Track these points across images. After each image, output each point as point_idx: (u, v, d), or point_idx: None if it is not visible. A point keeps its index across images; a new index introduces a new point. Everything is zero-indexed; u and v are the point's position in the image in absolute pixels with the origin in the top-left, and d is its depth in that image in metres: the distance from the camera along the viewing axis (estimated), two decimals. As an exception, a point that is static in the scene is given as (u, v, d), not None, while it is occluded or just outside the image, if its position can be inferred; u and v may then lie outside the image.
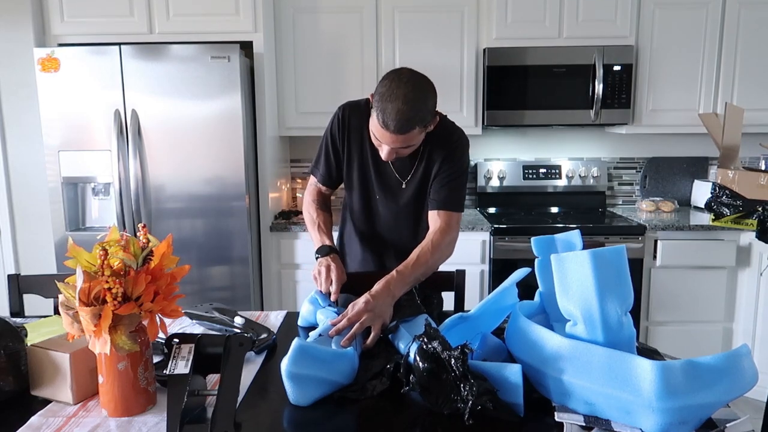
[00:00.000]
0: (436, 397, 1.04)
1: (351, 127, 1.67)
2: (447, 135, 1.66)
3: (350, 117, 1.67)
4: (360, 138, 1.67)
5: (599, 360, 0.96)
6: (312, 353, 1.11)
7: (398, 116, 1.40)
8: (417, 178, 1.69)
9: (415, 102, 1.41)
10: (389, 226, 1.76)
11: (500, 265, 2.84)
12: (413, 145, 1.52)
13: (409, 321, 1.35)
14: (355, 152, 1.69)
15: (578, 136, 3.41)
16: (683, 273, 2.86)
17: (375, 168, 1.70)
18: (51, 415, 1.07)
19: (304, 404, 1.10)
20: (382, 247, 1.79)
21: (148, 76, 2.61)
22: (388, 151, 1.50)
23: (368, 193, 1.74)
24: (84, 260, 1.04)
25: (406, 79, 1.43)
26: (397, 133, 1.42)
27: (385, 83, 1.43)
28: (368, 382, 1.16)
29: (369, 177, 1.71)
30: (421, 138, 1.53)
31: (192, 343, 1.05)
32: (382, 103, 1.41)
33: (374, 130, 1.49)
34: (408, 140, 1.46)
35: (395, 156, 1.53)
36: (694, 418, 0.93)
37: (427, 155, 1.66)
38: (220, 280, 2.76)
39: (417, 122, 1.43)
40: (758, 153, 3.13)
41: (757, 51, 2.98)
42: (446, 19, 2.98)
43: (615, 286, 1.01)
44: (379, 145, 1.52)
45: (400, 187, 1.70)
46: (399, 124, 1.41)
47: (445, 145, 1.65)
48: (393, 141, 1.46)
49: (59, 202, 2.70)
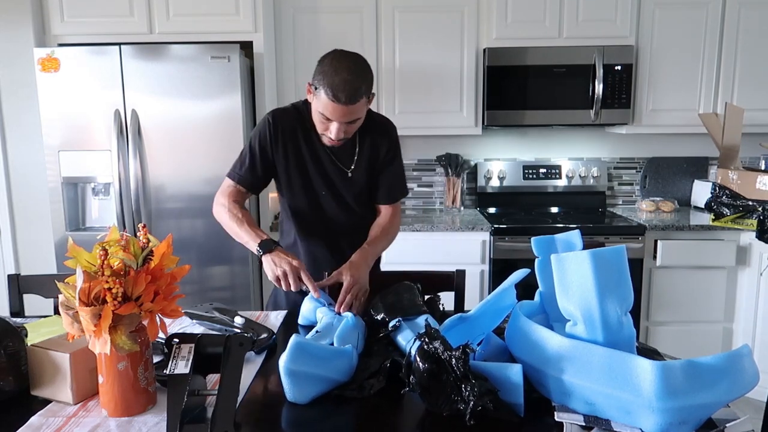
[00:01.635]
0: (436, 398, 1.04)
1: (282, 131, 1.69)
2: (380, 121, 1.76)
3: (280, 122, 1.70)
4: (294, 139, 1.69)
5: (599, 360, 0.96)
6: (310, 350, 1.11)
7: (347, 86, 1.46)
8: (362, 165, 1.72)
9: (360, 72, 1.50)
10: (340, 220, 1.77)
11: (500, 265, 2.84)
12: (359, 120, 1.58)
13: (411, 320, 1.35)
14: (291, 154, 1.70)
15: (578, 136, 3.41)
16: (683, 273, 2.86)
17: (315, 164, 1.71)
18: (51, 415, 1.07)
19: (302, 402, 1.10)
20: (335, 243, 1.78)
21: (148, 76, 2.61)
22: (337, 128, 1.54)
23: (312, 191, 1.74)
24: (84, 260, 1.04)
25: (344, 55, 1.52)
26: (347, 103, 1.48)
27: (325, 63, 1.50)
28: (365, 380, 1.16)
29: (310, 175, 1.72)
30: (364, 111, 1.58)
31: (192, 343, 1.05)
32: (327, 79, 1.47)
33: (322, 110, 1.52)
34: (356, 111, 1.53)
35: (342, 136, 1.57)
36: (694, 418, 0.93)
37: (368, 141, 1.72)
38: (220, 280, 2.76)
39: (364, 91, 1.50)
40: (758, 153, 3.13)
41: (757, 51, 2.98)
42: (446, 19, 2.98)
43: (615, 286, 1.01)
44: (325, 128, 1.57)
45: (347, 176, 1.72)
46: (349, 94, 1.47)
47: (381, 130, 1.74)
48: (343, 114, 1.51)
49: (59, 202, 2.70)
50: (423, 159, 3.42)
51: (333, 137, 1.57)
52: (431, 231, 2.87)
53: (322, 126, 1.58)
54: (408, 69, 3.02)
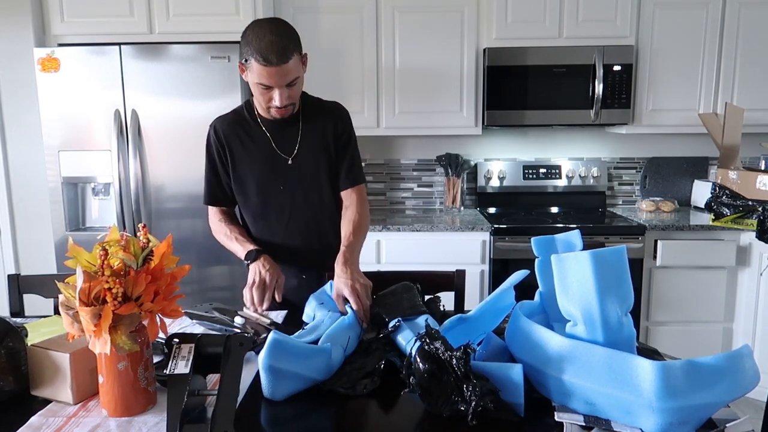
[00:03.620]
0: (437, 399, 1.03)
1: (227, 136, 1.71)
2: (328, 105, 1.76)
3: (222, 128, 1.72)
4: (238, 140, 1.71)
5: (600, 360, 0.96)
6: (287, 347, 1.11)
7: (274, 46, 1.46)
8: (307, 151, 1.70)
9: (283, 32, 1.50)
10: (295, 212, 1.74)
11: (500, 265, 2.84)
12: (298, 80, 1.56)
13: (411, 320, 1.34)
14: (239, 155, 1.71)
15: (578, 136, 3.41)
16: (683, 273, 2.86)
17: (261, 158, 1.70)
18: (51, 415, 1.07)
19: (278, 398, 1.11)
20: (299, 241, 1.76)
21: (148, 76, 2.61)
22: (279, 94, 1.54)
23: (266, 187, 1.72)
24: (84, 260, 1.04)
25: (263, 21, 1.54)
26: (279, 63, 1.47)
27: (247, 34, 1.51)
28: (360, 380, 1.16)
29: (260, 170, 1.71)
30: (301, 71, 1.57)
31: (192, 343, 1.05)
32: (254, 46, 1.48)
33: (258, 79, 1.52)
34: (291, 71, 1.51)
35: (288, 101, 1.56)
36: (694, 419, 0.93)
37: (314, 125, 1.71)
38: (220, 280, 2.76)
39: (293, 48, 1.50)
40: (758, 153, 3.13)
41: (757, 51, 2.98)
42: (446, 19, 2.98)
43: (615, 286, 1.01)
44: (269, 99, 1.56)
45: (287, 164, 1.71)
46: (278, 53, 1.46)
47: (331, 114, 1.73)
48: (279, 76, 1.50)
49: (59, 202, 2.70)
50: (423, 159, 3.42)
51: (278, 104, 1.56)
52: (431, 231, 2.87)
53: (264, 99, 1.57)
54: (408, 69, 3.02)
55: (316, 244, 1.75)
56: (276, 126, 1.70)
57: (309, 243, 1.77)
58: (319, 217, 1.76)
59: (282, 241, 1.76)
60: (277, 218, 1.75)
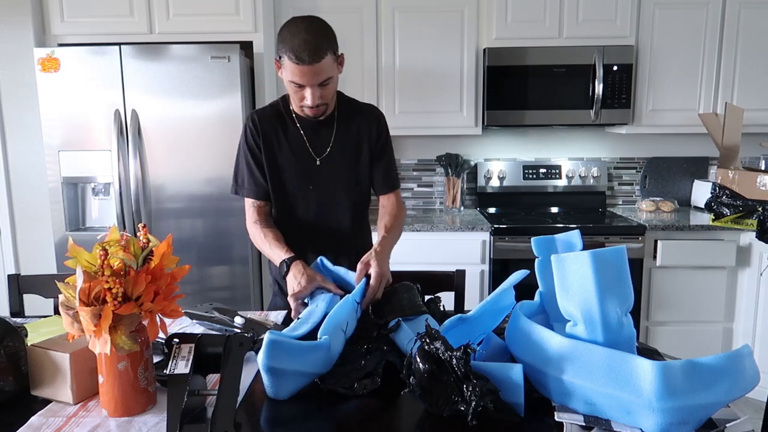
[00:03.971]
0: (437, 399, 1.03)
1: (264, 129, 1.69)
2: (365, 108, 1.75)
3: (260, 121, 1.70)
4: (275, 135, 1.69)
5: (600, 360, 0.96)
6: (283, 347, 1.10)
7: (308, 45, 1.45)
8: (339, 152, 1.70)
9: (319, 30, 1.50)
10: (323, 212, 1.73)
11: (500, 265, 2.84)
12: (331, 81, 1.55)
13: (412, 320, 1.34)
14: (275, 150, 1.70)
15: (578, 136, 3.41)
16: (683, 273, 2.86)
17: (293, 155, 1.69)
18: (51, 415, 1.07)
19: (282, 398, 1.11)
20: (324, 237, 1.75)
21: (148, 76, 2.61)
22: (311, 93, 1.53)
23: (298, 184, 1.71)
24: (84, 260, 1.04)
25: (299, 19, 1.52)
26: (312, 62, 1.46)
27: (283, 32, 1.50)
28: (360, 380, 1.16)
29: (293, 167, 1.70)
30: (335, 70, 1.55)
31: (192, 343, 1.05)
32: (288, 44, 1.47)
33: (291, 77, 1.51)
34: (324, 70, 1.50)
35: (319, 101, 1.55)
36: (694, 419, 0.93)
37: (350, 127, 1.70)
38: (220, 280, 2.76)
39: (327, 48, 1.49)
40: (758, 153, 3.13)
41: (757, 51, 2.98)
42: (446, 19, 2.98)
43: (615, 286, 1.01)
44: (301, 98, 1.55)
45: (315, 164, 1.70)
46: (311, 52, 1.45)
47: (367, 117, 1.73)
48: (311, 75, 1.49)
49: (59, 202, 2.70)
50: (423, 159, 3.42)
51: (309, 104, 1.55)
52: (431, 231, 2.87)
53: (297, 97, 1.57)
54: (408, 69, 3.02)
55: (335, 246, 1.72)
56: (311, 125, 1.69)
57: (329, 243, 1.75)
58: (341, 219, 1.75)
59: (305, 238, 1.75)
60: (303, 216, 1.74)
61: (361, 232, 1.83)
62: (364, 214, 1.84)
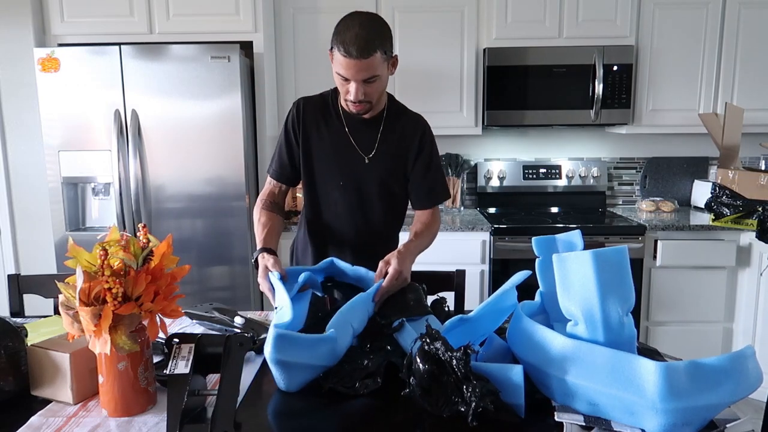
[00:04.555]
0: (436, 400, 1.03)
1: (307, 117, 1.68)
2: (412, 115, 1.72)
3: (305, 108, 1.68)
4: (317, 123, 1.68)
5: (603, 361, 0.96)
6: (291, 340, 1.12)
7: (358, 40, 1.44)
8: (384, 154, 1.67)
9: (372, 26, 1.48)
10: (354, 211, 1.71)
11: (500, 265, 2.84)
12: (378, 79, 1.52)
13: (416, 320, 1.34)
14: (313, 138, 1.68)
15: (578, 136, 3.41)
16: (683, 273, 2.86)
17: (334, 150, 1.67)
18: (51, 415, 1.07)
19: (293, 389, 1.13)
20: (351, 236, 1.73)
21: (148, 76, 2.61)
22: (355, 88, 1.51)
23: (330, 181, 1.69)
24: (84, 260, 1.04)
25: (357, 13, 1.51)
26: (360, 57, 1.44)
27: (339, 24, 1.49)
28: (361, 380, 1.16)
29: (328, 161, 1.68)
30: (385, 69, 1.53)
31: (192, 343, 1.05)
32: (340, 37, 1.46)
33: (338, 69, 1.50)
34: (371, 67, 1.48)
35: (362, 97, 1.53)
36: (697, 420, 0.93)
37: (395, 131, 1.68)
38: (220, 280, 2.76)
39: (377, 45, 1.46)
40: (758, 153, 3.13)
41: (757, 51, 2.98)
42: (446, 19, 2.98)
43: (616, 286, 1.01)
44: (346, 92, 1.54)
45: (364, 162, 1.68)
46: (360, 47, 1.44)
47: (413, 125, 1.69)
48: (357, 69, 1.47)
49: (59, 202, 2.70)
50: (423, 159, 3.41)
51: (352, 98, 1.53)
52: (431, 231, 2.86)
53: (343, 89, 1.55)
54: (408, 69, 3.01)
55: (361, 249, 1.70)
56: (357, 122, 1.67)
57: (355, 246, 1.72)
58: (373, 222, 1.72)
59: (330, 236, 1.73)
60: (333, 214, 1.72)
61: (391, 241, 1.75)
62: (398, 223, 1.79)
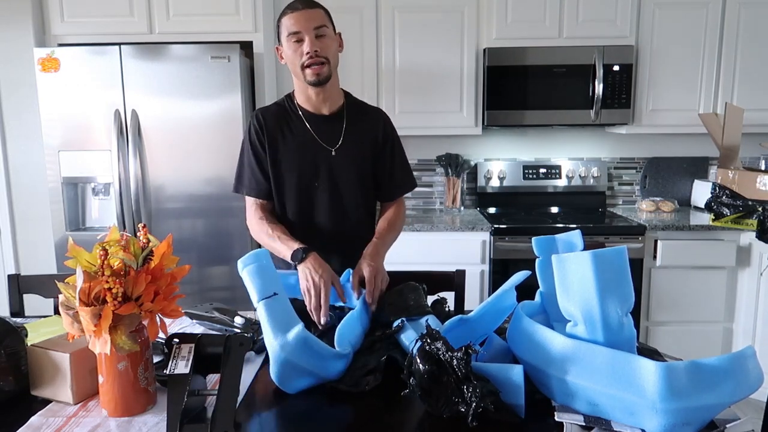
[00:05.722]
0: (437, 400, 1.03)
1: (269, 126, 1.68)
2: (371, 109, 1.80)
3: (265, 118, 1.69)
4: (280, 130, 1.68)
5: (603, 361, 0.96)
6: (312, 346, 1.11)
7: None
8: (350, 147, 1.69)
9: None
10: (332, 225, 1.71)
11: (500, 266, 2.84)
12: (327, 32, 1.59)
13: (416, 320, 1.34)
14: (279, 146, 1.68)
15: (578, 136, 3.41)
16: (683, 273, 2.86)
17: (301, 150, 1.68)
18: (51, 415, 1.07)
19: (290, 391, 1.13)
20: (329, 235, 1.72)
21: (148, 76, 2.61)
22: (309, 42, 1.55)
23: (303, 179, 1.68)
24: (84, 260, 1.04)
25: None
26: (306, 7, 1.56)
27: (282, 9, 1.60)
28: (362, 377, 1.16)
29: (298, 164, 1.68)
30: (331, 31, 1.61)
31: (192, 343, 1.05)
32: (285, 8, 1.58)
33: (288, 29, 1.57)
34: (319, 18, 1.57)
35: (318, 50, 1.56)
36: (697, 420, 0.93)
37: (358, 124, 1.72)
38: (220, 280, 2.76)
39: (320, 6, 1.59)
40: (758, 153, 3.13)
41: (757, 51, 2.98)
42: (446, 19, 2.98)
43: (616, 287, 1.01)
44: (300, 53, 1.57)
45: (331, 155, 1.68)
46: (305, 2, 1.57)
47: (374, 117, 1.76)
48: (305, 19, 1.55)
49: (59, 202, 2.70)
50: (423, 159, 3.42)
51: (308, 50, 1.55)
52: (431, 231, 2.87)
53: (297, 55, 1.58)
54: (408, 69, 3.02)
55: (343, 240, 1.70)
56: (318, 120, 1.69)
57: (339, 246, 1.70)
58: (352, 218, 1.73)
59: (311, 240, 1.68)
60: (311, 216, 1.71)
61: (369, 237, 1.72)
62: (374, 218, 1.80)
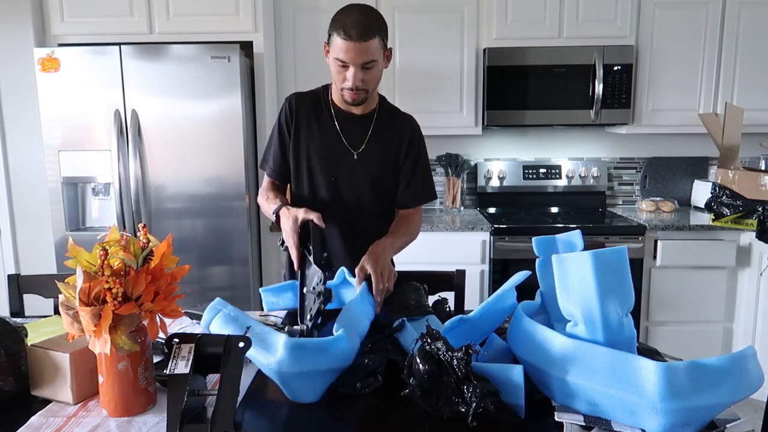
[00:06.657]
0: (437, 400, 1.03)
1: (300, 113, 1.69)
2: (402, 114, 1.77)
3: (298, 104, 1.70)
4: (308, 119, 1.69)
5: (604, 361, 0.96)
6: (304, 348, 1.08)
7: (358, 24, 1.49)
8: (374, 152, 1.68)
9: (371, 12, 1.55)
10: (345, 209, 1.70)
11: (500, 266, 2.84)
12: (375, 65, 1.55)
13: (417, 320, 1.34)
14: (303, 135, 1.69)
15: (578, 136, 3.41)
16: (683, 273, 2.86)
17: (324, 145, 1.68)
18: (51, 415, 1.07)
19: (314, 400, 1.10)
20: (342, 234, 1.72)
21: (148, 76, 2.61)
22: (353, 73, 1.53)
23: (321, 175, 1.69)
24: (84, 260, 1.04)
25: (354, 4, 1.56)
26: (360, 39, 1.48)
27: (338, 14, 1.54)
28: (362, 379, 1.15)
29: (318, 158, 1.68)
30: (381, 57, 1.56)
31: (192, 343, 1.05)
32: (339, 22, 1.50)
33: (336, 54, 1.52)
34: (371, 51, 1.51)
35: (360, 84, 1.55)
36: (697, 420, 0.93)
37: (385, 129, 1.70)
38: (220, 280, 2.76)
39: (376, 30, 1.52)
40: (758, 153, 3.13)
41: (757, 51, 2.98)
42: (446, 19, 2.98)
43: (616, 287, 1.01)
44: (343, 79, 1.55)
45: (352, 158, 1.68)
46: (360, 30, 1.48)
47: (403, 124, 1.74)
48: (357, 53, 1.50)
49: (59, 202, 2.70)
50: (423, 159, 3.41)
51: (350, 85, 1.55)
52: (431, 231, 2.87)
53: (340, 77, 1.57)
54: (408, 69, 3.02)
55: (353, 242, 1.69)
56: (348, 119, 1.68)
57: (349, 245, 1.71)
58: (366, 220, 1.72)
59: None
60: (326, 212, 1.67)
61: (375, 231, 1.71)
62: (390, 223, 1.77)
